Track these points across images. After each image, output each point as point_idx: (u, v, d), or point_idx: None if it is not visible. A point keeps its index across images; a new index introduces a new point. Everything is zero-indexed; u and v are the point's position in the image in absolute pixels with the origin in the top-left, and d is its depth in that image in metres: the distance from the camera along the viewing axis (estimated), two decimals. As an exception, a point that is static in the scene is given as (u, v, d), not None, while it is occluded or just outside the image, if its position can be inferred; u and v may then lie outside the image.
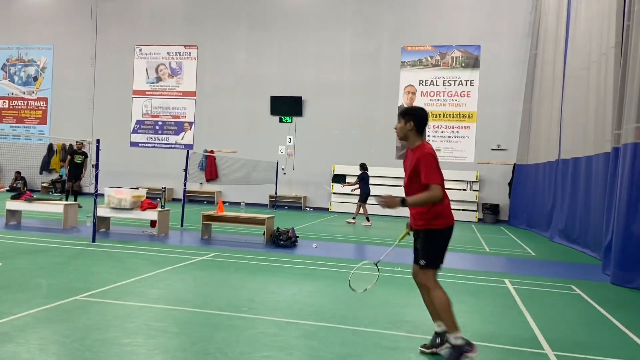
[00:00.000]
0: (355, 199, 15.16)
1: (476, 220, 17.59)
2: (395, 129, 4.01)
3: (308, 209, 19.28)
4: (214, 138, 20.06)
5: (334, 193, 18.92)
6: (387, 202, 3.68)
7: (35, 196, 11.28)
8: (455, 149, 18.34)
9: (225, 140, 19.97)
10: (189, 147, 19.53)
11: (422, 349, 3.98)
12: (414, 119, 3.87)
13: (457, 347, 3.68)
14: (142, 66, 20.73)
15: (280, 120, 19.58)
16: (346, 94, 19.10)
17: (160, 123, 20.67)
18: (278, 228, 9.68)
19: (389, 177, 18.30)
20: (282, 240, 9.24)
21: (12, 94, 21.90)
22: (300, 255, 8.43)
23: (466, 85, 18.26)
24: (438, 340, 3.95)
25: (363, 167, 14.63)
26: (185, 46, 20.35)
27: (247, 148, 19.42)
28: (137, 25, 20.71)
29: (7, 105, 21.94)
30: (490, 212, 17.53)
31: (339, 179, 18.69)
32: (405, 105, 18.54)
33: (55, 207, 10.66)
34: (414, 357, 3.91)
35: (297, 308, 5.13)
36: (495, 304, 5.80)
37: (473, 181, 17.91)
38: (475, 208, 17.82)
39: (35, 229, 10.00)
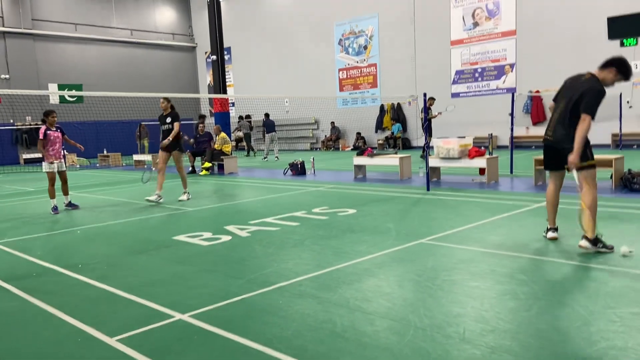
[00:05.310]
0: None
1: None
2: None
3: (666, 146, 15.88)
4: (539, 77, 18.40)
5: None
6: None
7: (375, 152, 12.67)
8: None
9: (552, 77, 18.02)
10: (511, 90, 18.55)
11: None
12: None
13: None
14: (458, 15, 20.54)
15: (622, 44, 16.48)
16: None
17: (479, 70, 20.23)
18: (630, 170, 8.24)
19: None
20: (637, 184, 7.82)
21: (348, 64, 25.01)
22: (664, 201, 6.98)
23: None
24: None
25: None
26: (501, -17, 19.14)
27: (579, 83, 17.11)
28: (450, -27, 20.52)
29: (345, 75, 25.23)
30: None
31: None
32: None
33: (392, 160, 11.73)
34: None
35: (673, 263, 4.23)
36: None
37: None
38: None
39: (377, 180, 11.24)
